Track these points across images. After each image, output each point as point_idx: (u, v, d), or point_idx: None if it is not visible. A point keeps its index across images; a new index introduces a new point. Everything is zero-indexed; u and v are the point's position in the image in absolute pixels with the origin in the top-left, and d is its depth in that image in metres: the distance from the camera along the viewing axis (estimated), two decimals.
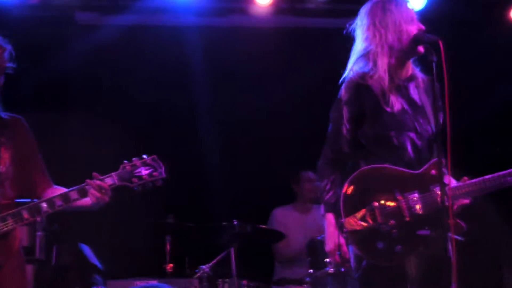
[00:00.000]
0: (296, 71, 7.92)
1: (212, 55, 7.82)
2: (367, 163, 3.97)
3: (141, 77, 7.72)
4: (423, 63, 4.13)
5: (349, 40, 4.44)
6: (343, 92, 4.14)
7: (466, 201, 3.94)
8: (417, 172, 3.91)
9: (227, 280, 6.21)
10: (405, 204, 3.82)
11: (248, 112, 7.98)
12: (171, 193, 6.95)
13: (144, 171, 4.06)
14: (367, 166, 3.95)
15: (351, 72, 4.17)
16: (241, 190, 7.81)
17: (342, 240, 3.93)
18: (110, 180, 4.03)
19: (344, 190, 3.88)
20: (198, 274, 6.18)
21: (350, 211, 3.83)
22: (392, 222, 3.77)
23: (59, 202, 3.93)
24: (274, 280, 7.34)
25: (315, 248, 6.22)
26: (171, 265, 6.17)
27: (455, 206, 3.87)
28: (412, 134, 4.01)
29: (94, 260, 4.10)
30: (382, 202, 3.81)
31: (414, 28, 4.06)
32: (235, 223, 6.19)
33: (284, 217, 7.54)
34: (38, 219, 3.96)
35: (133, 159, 4.09)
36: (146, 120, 7.85)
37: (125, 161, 4.08)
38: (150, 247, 6.66)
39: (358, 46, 4.21)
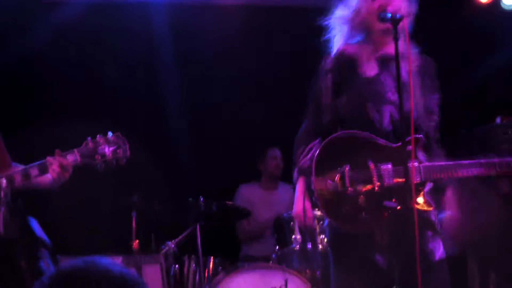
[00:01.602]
0: (265, 50, 7.91)
1: (179, 33, 7.78)
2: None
3: (108, 56, 7.64)
4: None
5: (318, 19, 4.45)
6: (327, 60, 4.18)
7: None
8: (393, 145, 3.90)
9: (193, 256, 6.23)
10: (376, 173, 3.82)
11: (216, 91, 7.97)
12: (138, 170, 6.95)
13: (108, 149, 4.04)
14: (344, 131, 3.95)
15: (336, 42, 4.22)
16: (209, 168, 7.82)
17: (308, 205, 3.98)
18: (71, 156, 4.00)
19: (317, 152, 3.87)
20: (164, 251, 6.20)
21: (321, 173, 3.82)
22: (359, 188, 3.78)
23: (18, 178, 3.90)
24: (240, 257, 7.38)
25: (281, 225, 6.25)
26: (137, 241, 6.17)
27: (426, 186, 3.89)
28: (391, 107, 4.03)
29: (41, 234, 4.08)
30: (354, 167, 3.80)
31: (376, 4, 4.06)
32: (201, 200, 6.21)
33: (250, 194, 7.57)
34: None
35: (97, 136, 4.07)
36: (113, 98, 7.79)
37: (88, 138, 4.06)
38: (116, 224, 6.65)
39: (341, 13, 4.24)
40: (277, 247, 6.24)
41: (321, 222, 5.96)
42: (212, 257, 6.24)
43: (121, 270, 2.39)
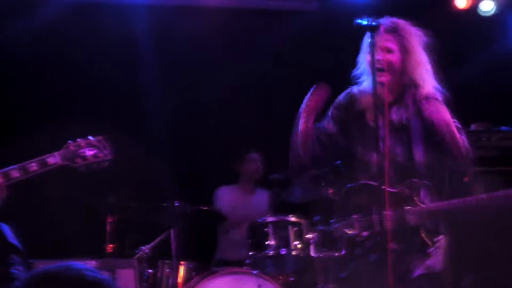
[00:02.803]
0: (243, 52, 7.91)
1: (159, 34, 7.77)
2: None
3: (87, 56, 7.63)
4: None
5: (297, 22, 4.49)
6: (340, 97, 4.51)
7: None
8: (394, 190, 4.12)
9: (167, 261, 6.20)
10: (378, 219, 4.03)
11: (194, 92, 7.96)
12: (114, 172, 6.89)
13: (89, 152, 4.05)
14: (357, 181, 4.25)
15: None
16: (187, 170, 7.79)
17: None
18: (52, 159, 4.00)
19: (339, 197, 4.29)
20: (138, 255, 6.17)
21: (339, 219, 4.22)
22: (365, 233, 4.11)
23: None
24: (214, 261, 7.35)
25: (256, 231, 6.24)
26: (111, 245, 6.14)
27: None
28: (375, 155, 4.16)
29: (13, 240, 4.06)
30: (361, 215, 4.16)
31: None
32: (176, 203, 6.18)
33: (228, 196, 7.56)
34: None
35: (78, 139, 4.06)
36: (92, 98, 7.75)
37: (69, 141, 4.05)
38: (90, 228, 6.61)
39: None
40: (251, 252, 6.22)
41: (295, 228, 5.98)
42: (186, 262, 6.22)
43: (94, 275, 2.37)
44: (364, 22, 4.07)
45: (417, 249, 4.12)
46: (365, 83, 4.39)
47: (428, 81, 4.32)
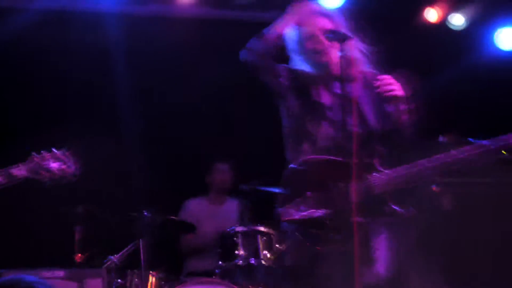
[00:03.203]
0: (217, 64, 7.93)
1: (133, 43, 7.77)
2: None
3: (61, 64, 7.60)
4: None
5: None
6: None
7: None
8: (350, 161, 3.93)
9: (136, 271, 6.19)
10: (337, 192, 3.95)
11: (167, 102, 7.96)
12: (83, 181, 6.89)
13: (53, 164, 4.05)
14: (306, 157, 4.10)
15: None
16: (155, 181, 7.78)
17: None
18: (17, 171, 4.00)
19: (283, 180, 4.06)
20: (107, 265, 6.15)
21: (286, 201, 3.99)
22: (326, 211, 3.92)
23: None
24: (183, 271, 7.35)
25: (225, 240, 6.24)
26: (79, 255, 6.13)
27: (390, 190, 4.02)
28: (326, 123, 4.18)
29: None
30: (316, 191, 3.95)
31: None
32: (145, 213, 6.19)
33: (196, 209, 7.54)
34: None
35: (42, 151, 4.07)
36: (63, 107, 7.73)
37: (33, 153, 4.06)
38: (59, 237, 6.59)
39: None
40: (221, 262, 6.23)
41: (265, 238, 6.00)
42: (155, 272, 6.21)
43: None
44: (331, 34, 4.13)
45: (386, 219, 4.01)
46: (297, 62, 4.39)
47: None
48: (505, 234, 6.91)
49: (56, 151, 4.09)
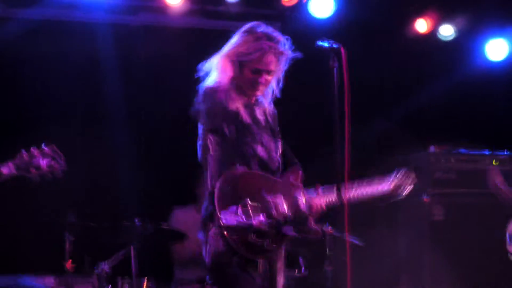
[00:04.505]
0: None
1: (123, 53, 7.77)
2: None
3: (52, 73, 7.59)
4: (325, 69, 4.23)
5: None
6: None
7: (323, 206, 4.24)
8: (278, 179, 4.23)
9: (127, 278, 6.17)
10: (273, 203, 4.05)
11: (157, 111, 7.95)
12: (73, 189, 6.89)
13: (42, 161, 4.03)
14: (238, 169, 4.14)
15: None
16: (146, 189, 7.76)
17: None
18: (6, 169, 3.98)
19: (219, 186, 4.04)
20: (97, 272, 6.12)
21: (224, 206, 3.99)
22: (262, 218, 3.97)
23: None
24: (174, 279, 7.32)
25: None
26: (70, 261, 6.09)
27: (314, 211, 4.21)
28: (258, 146, 4.25)
29: None
30: (254, 199, 4.01)
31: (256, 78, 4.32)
32: (136, 221, 6.17)
33: (185, 217, 7.51)
34: None
35: (31, 148, 4.05)
36: (57, 115, 7.70)
37: (22, 150, 4.04)
38: (49, 243, 6.56)
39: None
40: None
41: None
42: (146, 279, 6.19)
43: None
44: (326, 44, 4.15)
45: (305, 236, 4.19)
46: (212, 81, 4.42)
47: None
48: (492, 243, 6.95)
49: (45, 148, 4.06)
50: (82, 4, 7.54)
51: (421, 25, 8.07)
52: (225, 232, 3.97)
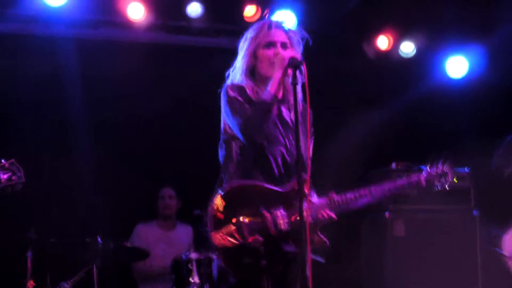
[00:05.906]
0: (168, 88, 7.92)
1: (85, 67, 7.71)
2: (238, 171, 4.14)
3: (13, 88, 7.52)
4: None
5: (220, 58, 4.55)
6: (231, 92, 4.29)
7: (333, 215, 4.09)
8: (282, 189, 4.05)
9: None
10: (270, 219, 3.94)
11: (119, 127, 7.91)
12: (34, 206, 6.81)
13: (2, 175, 4.02)
14: (235, 182, 4.08)
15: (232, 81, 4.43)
16: (108, 206, 7.70)
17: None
18: None
19: (212, 206, 3.97)
20: None
21: (217, 227, 3.93)
22: (258, 237, 3.89)
23: None
24: None
25: (179, 267, 6.20)
26: (31, 281, 6.02)
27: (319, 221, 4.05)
28: (282, 149, 4.18)
29: None
30: (249, 218, 3.92)
31: (270, 52, 4.30)
32: (99, 239, 6.12)
33: (146, 233, 7.48)
34: None
35: None
36: (18, 130, 7.62)
37: None
38: (10, 263, 6.48)
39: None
40: None
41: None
42: None
43: None
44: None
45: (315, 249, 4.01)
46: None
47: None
48: (453, 258, 7.01)
49: (4, 162, 4.05)
50: (42, 18, 7.43)
51: (383, 42, 8.13)
52: (219, 255, 3.95)
